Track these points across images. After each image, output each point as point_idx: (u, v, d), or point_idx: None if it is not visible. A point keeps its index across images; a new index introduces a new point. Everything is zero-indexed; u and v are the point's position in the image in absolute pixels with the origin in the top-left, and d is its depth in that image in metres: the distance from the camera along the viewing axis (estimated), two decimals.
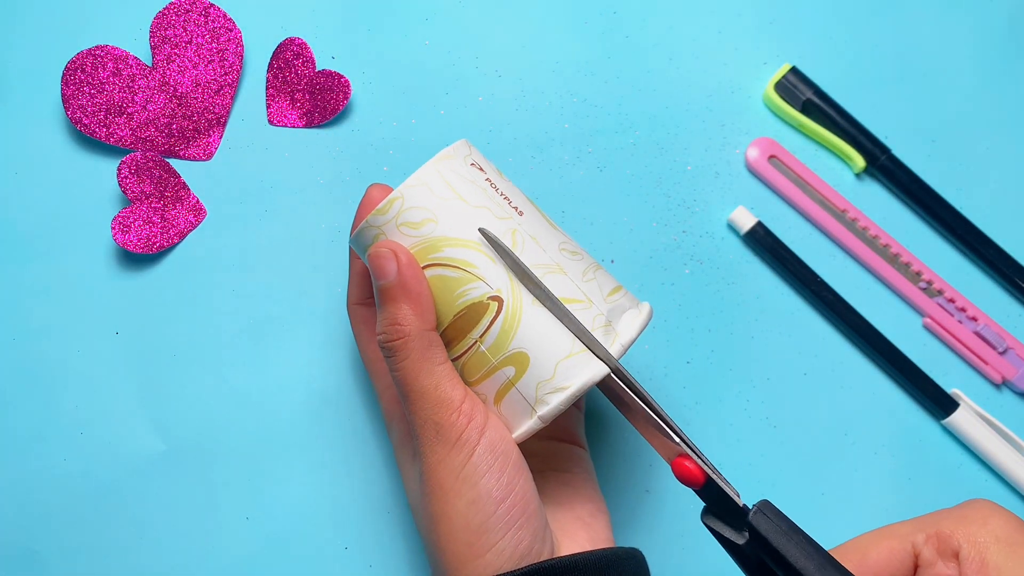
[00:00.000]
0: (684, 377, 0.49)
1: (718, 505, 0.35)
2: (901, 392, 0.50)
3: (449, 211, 0.37)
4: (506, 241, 0.37)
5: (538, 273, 0.37)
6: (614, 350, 0.37)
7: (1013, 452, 0.48)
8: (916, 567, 0.34)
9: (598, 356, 0.36)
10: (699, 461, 0.35)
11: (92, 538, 0.47)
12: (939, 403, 0.49)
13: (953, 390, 0.50)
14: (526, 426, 0.37)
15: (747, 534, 0.33)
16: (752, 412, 0.49)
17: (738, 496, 0.34)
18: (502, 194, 0.38)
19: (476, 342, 0.37)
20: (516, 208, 0.38)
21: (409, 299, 0.36)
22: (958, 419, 0.49)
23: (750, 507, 0.33)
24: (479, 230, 0.37)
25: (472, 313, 0.37)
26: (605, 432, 0.49)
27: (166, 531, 0.47)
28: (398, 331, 0.37)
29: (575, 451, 0.43)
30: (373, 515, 0.48)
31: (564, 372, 0.36)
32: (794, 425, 0.49)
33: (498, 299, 0.36)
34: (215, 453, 0.48)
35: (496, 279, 0.37)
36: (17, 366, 0.48)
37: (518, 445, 0.38)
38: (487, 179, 0.39)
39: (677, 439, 0.35)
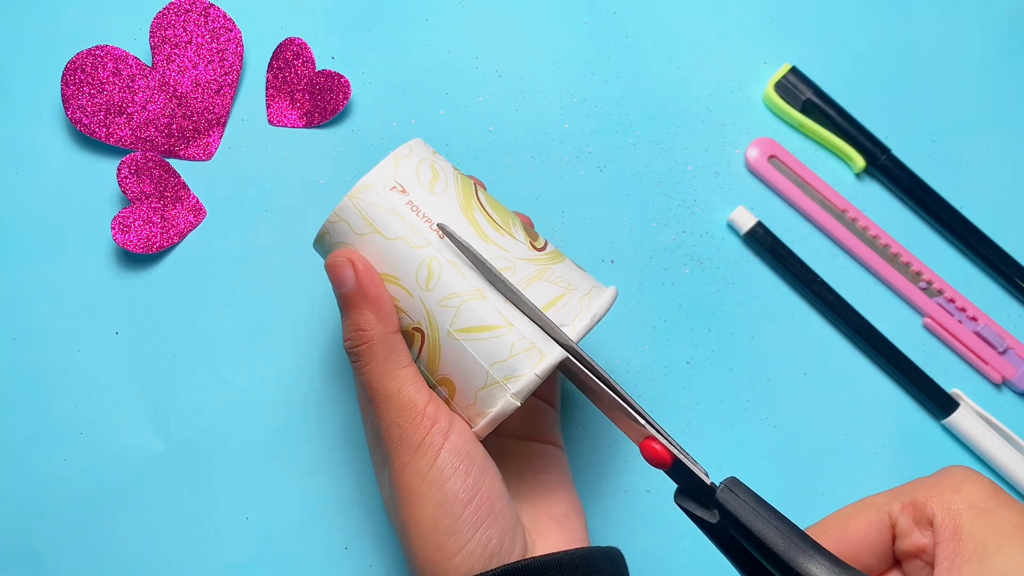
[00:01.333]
0: (684, 377, 0.49)
1: (689, 486, 0.35)
2: (901, 392, 0.50)
3: (368, 246, 0.38)
4: (421, 274, 0.37)
5: (453, 303, 0.37)
6: (537, 372, 0.36)
7: (1013, 452, 0.48)
8: (894, 537, 0.34)
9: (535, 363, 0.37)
10: (666, 442, 0.35)
11: (92, 538, 0.47)
12: (939, 403, 0.49)
13: (953, 390, 0.50)
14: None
15: (717, 512, 0.33)
16: (752, 412, 0.49)
17: (706, 475, 0.34)
18: (424, 217, 0.38)
19: (417, 360, 0.39)
20: (438, 230, 0.38)
21: (369, 304, 0.37)
22: (958, 419, 0.49)
23: (718, 485, 0.33)
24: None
25: (407, 337, 0.38)
26: (605, 432, 0.49)
27: (166, 531, 0.47)
28: (362, 336, 0.37)
29: (552, 451, 0.43)
30: (373, 515, 0.48)
31: (483, 399, 0.37)
32: (794, 425, 0.49)
33: (420, 330, 0.38)
34: (215, 453, 0.48)
35: (414, 312, 0.38)
36: (17, 366, 0.48)
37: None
38: (408, 202, 0.38)
39: (642, 421, 0.36)
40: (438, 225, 0.37)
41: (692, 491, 0.35)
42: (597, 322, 0.38)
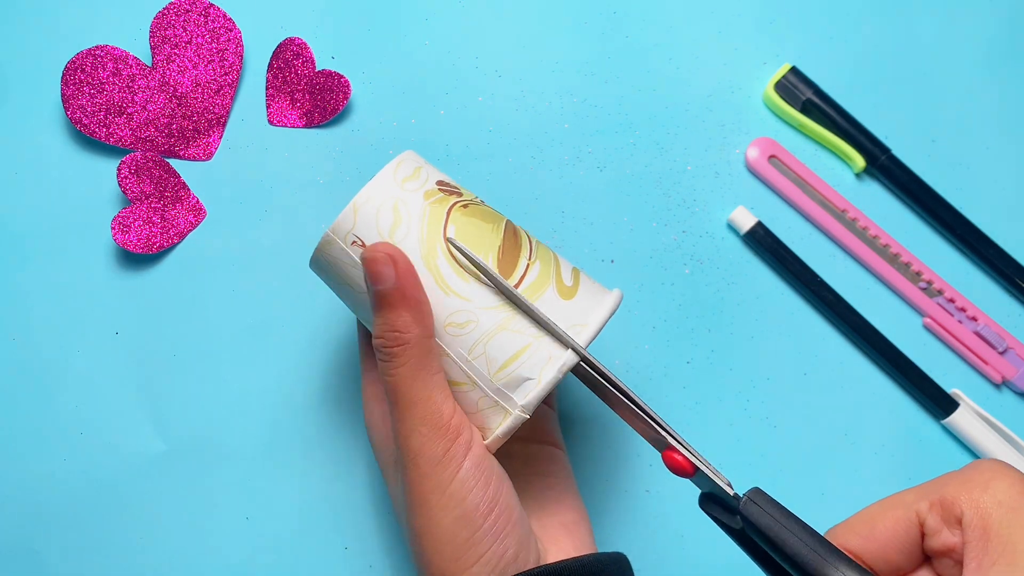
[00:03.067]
0: (684, 377, 0.49)
1: (712, 492, 0.35)
2: (901, 392, 0.50)
3: (345, 298, 0.40)
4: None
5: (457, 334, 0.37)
6: (499, 432, 0.37)
7: (1013, 452, 0.48)
8: (923, 535, 0.33)
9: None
10: (688, 454, 0.35)
11: (92, 538, 0.47)
12: (939, 403, 0.49)
13: (953, 390, 0.50)
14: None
15: (741, 521, 0.33)
16: (752, 412, 0.49)
17: (729, 486, 0.34)
18: None
19: None
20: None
21: (408, 305, 0.36)
22: (958, 419, 0.49)
23: (742, 495, 0.33)
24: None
25: None
26: (605, 432, 0.49)
27: (166, 531, 0.47)
28: (398, 338, 0.36)
29: (554, 452, 0.43)
30: (373, 515, 0.48)
31: (490, 413, 0.37)
32: (794, 425, 0.49)
33: None
34: (215, 453, 0.48)
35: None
36: (17, 366, 0.48)
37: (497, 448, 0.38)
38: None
39: (664, 433, 0.36)
40: (448, 239, 0.37)
41: (716, 498, 0.35)
42: (566, 372, 0.37)
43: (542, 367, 0.36)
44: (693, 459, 0.35)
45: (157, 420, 0.48)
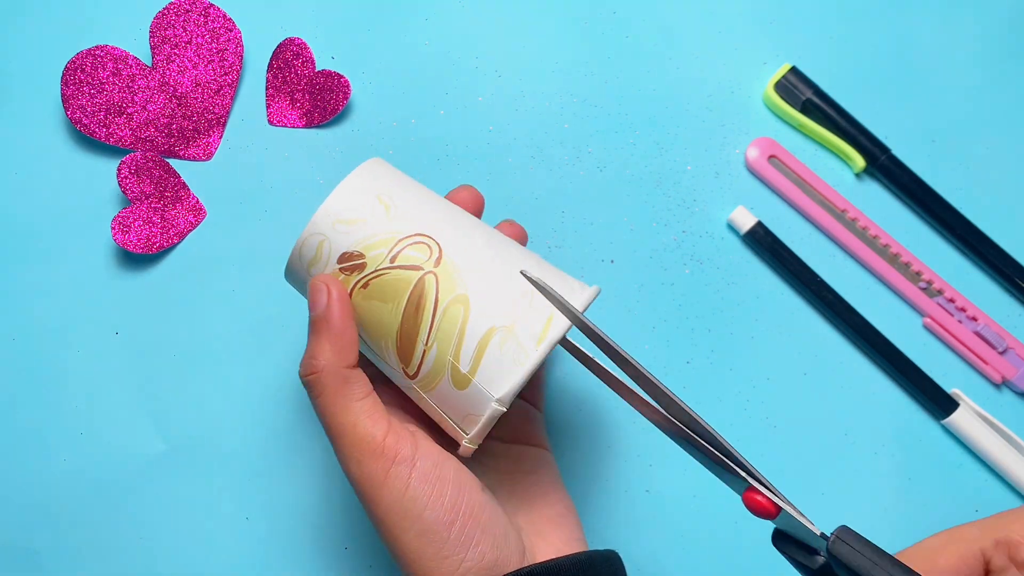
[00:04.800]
0: (684, 377, 0.49)
1: (791, 531, 0.34)
2: (901, 392, 0.50)
3: None
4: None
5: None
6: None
7: (1013, 452, 0.48)
8: (987, 572, 0.33)
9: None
10: (770, 493, 0.34)
11: (92, 538, 0.47)
12: (939, 403, 0.49)
13: (953, 390, 0.50)
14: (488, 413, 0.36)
15: (822, 557, 0.32)
16: (752, 412, 0.49)
17: (813, 525, 0.33)
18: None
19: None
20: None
21: (331, 335, 0.36)
22: (958, 419, 0.49)
23: (828, 535, 0.32)
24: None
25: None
26: (604, 432, 0.49)
27: (166, 531, 0.47)
28: (312, 366, 0.36)
29: (540, 453, 0.43)
30: None
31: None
32: (794, 425, 0.49)
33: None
34: (215, 453, 0.48)
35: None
36: (17, 366, 0.48)
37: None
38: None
39: (744, 474, 0.34)
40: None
41: (793, 536, 0.34)
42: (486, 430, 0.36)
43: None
44: (776, 499, 0.34)
45: (157, 420, 0.48)
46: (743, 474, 0.35)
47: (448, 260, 0.36)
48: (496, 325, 0.36)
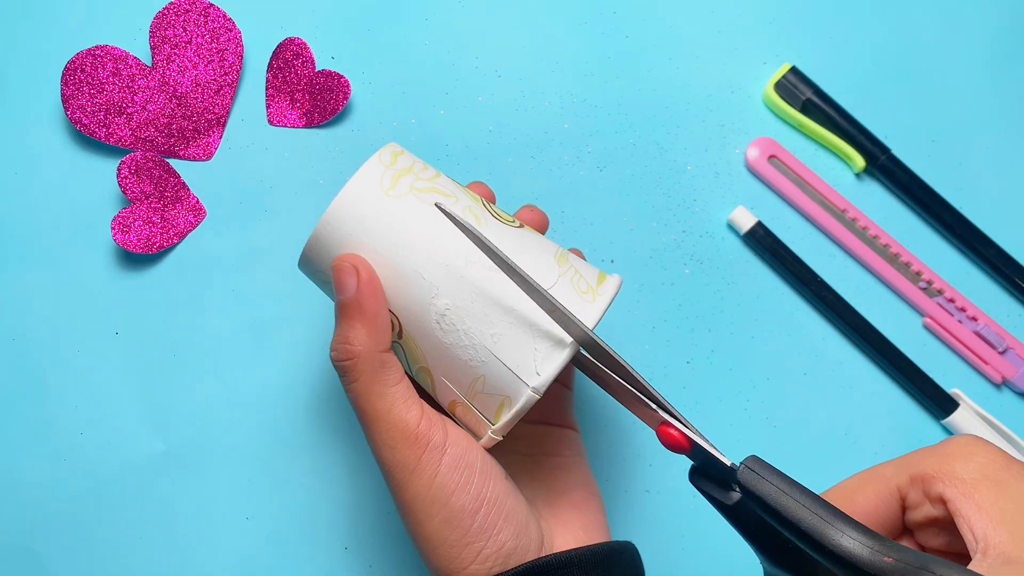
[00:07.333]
0: (684, 377, 0.49)
1: (707, 467, 0.34)
2: (901, 392, 0.50)
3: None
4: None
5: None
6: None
7: (1013, 452, 0.48)
8: (904, 508, 0.33)
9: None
10: (682, 427, 0.34)
11: (92, 538, 0.47)
12: (939, 403, 0.49)
13: (953, 390, 0.50)
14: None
15: (738, 493, 0.33)
16: (752, 412, 0.49)
17: (724, 456, 0.33)
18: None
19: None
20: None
21: (364, 318, 0.36)
22: (958, 419, 0.49)
23: (738, 465, 0.32)
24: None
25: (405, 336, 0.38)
26: (603, 432, 0.49)
27: (166, 531, 0.47)
28: (348, 351, 0.36)
29: (566, 433, 0.42)
30: (373, 515, 0.48)
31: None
32: (794, 425, 0.49)
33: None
34: (215, 453, 0.48)
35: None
36: (17, 366, 0.48)
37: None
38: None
39: (656, 407, 0.35)
40: (435, 204, 0.36)
41: (709, 472, 0.34)
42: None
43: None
44: (688, 432, 0.34)
45: (157, 420, 0.48)
46: (656, 408, 0.35)
47: (408, 336, 0.37)
48: (457, 400, 0.37)
